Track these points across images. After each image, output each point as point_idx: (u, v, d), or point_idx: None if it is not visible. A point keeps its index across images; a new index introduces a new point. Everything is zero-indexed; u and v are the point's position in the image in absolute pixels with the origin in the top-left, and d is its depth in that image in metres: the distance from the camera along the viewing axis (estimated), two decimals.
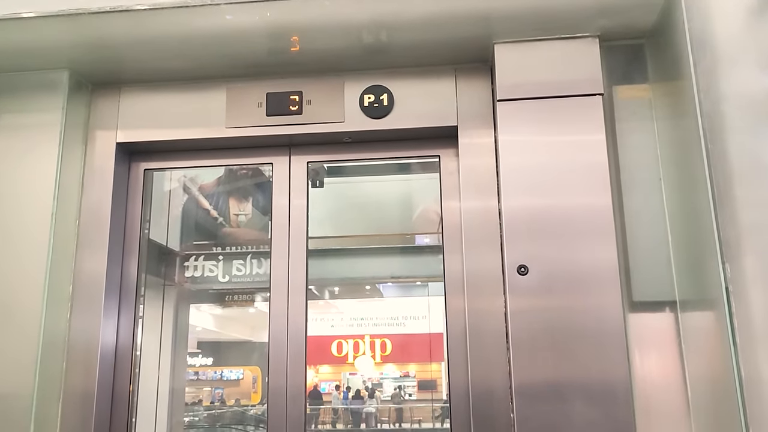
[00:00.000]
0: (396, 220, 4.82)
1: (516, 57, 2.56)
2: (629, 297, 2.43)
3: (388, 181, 4.67)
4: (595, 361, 2.27)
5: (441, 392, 7.18)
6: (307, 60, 2.73)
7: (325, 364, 7.53)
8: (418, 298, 6.60)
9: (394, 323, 7.05)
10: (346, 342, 6.78)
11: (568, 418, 2.24)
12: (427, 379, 7.69)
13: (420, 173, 4.27)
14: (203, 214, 4.19)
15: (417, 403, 7.87)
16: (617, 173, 2.53)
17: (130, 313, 2.82)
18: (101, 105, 2.87)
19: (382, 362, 7.24)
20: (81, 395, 2.60)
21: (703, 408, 2.28)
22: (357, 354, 6.85)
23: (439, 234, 4.26)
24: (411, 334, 7.02)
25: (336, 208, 4.53)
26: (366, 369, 7.63)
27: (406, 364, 7.97)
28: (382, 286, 6.14)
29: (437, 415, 7.32)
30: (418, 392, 7.89)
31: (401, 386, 8.05)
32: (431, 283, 5.39)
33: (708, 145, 2.13)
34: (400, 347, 6.95)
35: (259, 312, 4.62)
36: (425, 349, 7.19)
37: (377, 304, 6.77)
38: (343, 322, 6.77)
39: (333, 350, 6.70)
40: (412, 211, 4.78)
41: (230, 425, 6.13)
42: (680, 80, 2.30)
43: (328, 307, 6.28)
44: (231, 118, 2.80)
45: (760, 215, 2.09)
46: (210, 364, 7.33)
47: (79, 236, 2.73)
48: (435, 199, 2.80)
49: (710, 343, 2.20)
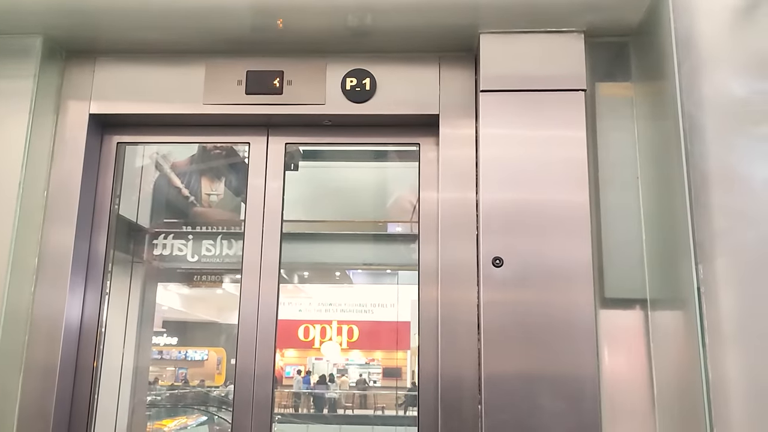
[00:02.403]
0: (370, 207, 4.81)
1: (501, 48, 2.55)
2: (601, 293, 2.45)
3: (363, 167, 4.65)
4: (564, 355, 2.28)
5: (405, 380, 7.23)
6: (290, 39, 2.68)
7: (291, 348, 7.52)
8: (387, 286, 6.62)
9: (362, 310, 7.06)
10: (313, 327, 6.76)
11: (535, 410, 2.25)
12: (392, 367, 7.73)
13: (396, 161, 4.26)
14: (175, 192, 4.12)
15: (381, 390, 7.90)
16: (595, 170, 2.54)
17: (97, 289, 2.76)
18: (75, 74, 2.79)
19: (348, 348, 7.25)
20: (43, 369, 2.54)
21: (668, 406, 2.31)
22: (324, 339, 6.84)
23: (411, 223, 4.28)
24: (379, 322, 7.04)
25: (310, 192, 4.49)
26: (332, 354, 7.63)
27: (372, 351, 7.99)
28: (351, 272, 6.13)
29: (401, 402, 7.36)
30: (383, 379, 7.93)
31: (367, 373, 8.07)
32: (401, 272, 5.40)
33: (687, 147, 2.14)
34: (367, 334, 6.97)
35: (226, 293, 4.57)
36: (392, 337, 7.22)
37: (346, 291, 6.76)
38: (311, 306, 6.75)
39: (300, 335, 6.69)
40: (386, 199, 4.77)
41: (193, 405, 6.08)
42: (663, 80, 2.31)
43: (297, 291, 6.25)
44: (209, 94, 2.74)
45: (733, 220, 2.11)
46: (175, 343, 7.26)
47: (47, 208, 2.66)
48: (410, 187, 2.79)
49: (678, 342, 2.23)
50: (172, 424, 5.33)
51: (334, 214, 4.82)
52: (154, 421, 4.88)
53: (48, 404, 2.52)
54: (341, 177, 4.70)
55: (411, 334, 6.76)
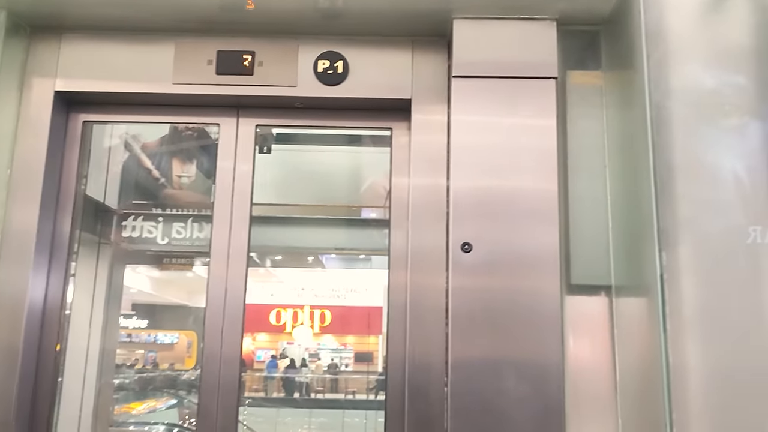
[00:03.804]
0: (343, 192, 4.79)
1: (474, 34, 2.55)
2: (567, 279, 2.48)
3: (337, 152, 4.62)
4: (530, 341, 2.31)
5: (377, 365, 7.27)
6: (261, 20, 2.65)
7: (262, 333, 7.50)
8: (360, 271, 6.63)
9: (335, 295, 7.07)
10: (285, 311, 6.76)
11: (500, 394, 2.27)
12: (364, 352, 7.77)
13: (370, 146, 4.25)
14: (144, 173, 4.07)
15: (352, 375, 7.94)
16: (564, 158, 2.56)
17: (61, 270, 2.71)
18: (40, 50, 2.72)
19: (320, 333, 7.26)
20: (5, 350, 2.51)
21: (630, 390, 2.35)
22: (295, 324, 6.84)
23: (385, 208, 4.28)
24: (351, 307, 7.06)
25: (283, 176, 4.46)
26: (304, 339, 7.63)
27: (344, 336, 8.01)
28: (324, 257, 6.13)
29: (371, 387, 7.41)
30: (354, 364, 7.97)
31: (339, 357, 8.10)
32: (374, 257, 5.40)
33: (654, 137, 2.17)
34: (339, 319, 6.99)
35: (197, 276, 4.53)
36: (364, 322, 7.24)
37: (319, 275, 6.76)
38: (283, 291, 6.74)
39: (272, 319, 6.68)
40: (360, 184, 4.76)
41: (162, 389, 6.05)
42: (632, 70, 2.33)
43: (269, 275, 6.23)
44: (178, 73, 2.70)
45: (697, 209, 2.13)
46: (144, 326, 7.20)
47: (10, 186, 2.61)
48: (384, 173, 2.78)
49: (641, 328, 2.26)
50: (140, 407, 5.30)
51: (307, 199, 4.80)
52: (122, 404, 4.84)
53: (10, 385, 2.49)
54: (314, 161, 4.67)
55: (383, 319, 6.81)
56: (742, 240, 2.08)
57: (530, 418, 2.26)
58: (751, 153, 2.16)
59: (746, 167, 2.14)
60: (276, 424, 6.42)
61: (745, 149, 2.17)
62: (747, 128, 2.19)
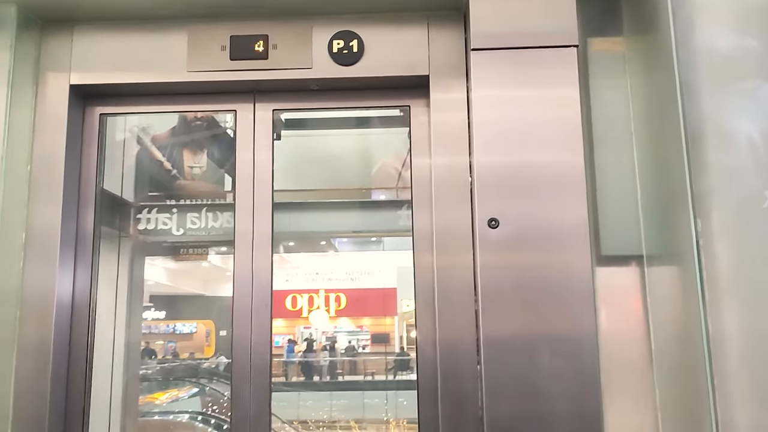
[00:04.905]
0: (354, 175, 4.77)
1: (490, 5, 2.49)
2: (597, 251, 2.45)
3: (347, 135, 4.60)
4: (562, 315, 2.27)
5: (393, 345, 7.30)
6: (273, 2, 2.61)
7: (279, 318, 7.53)
8: (372, 253, 6.63)
9: (349, 278, 7.08)
10: (301, 296, 6.77)
11: (534, 369, 2.25)
12: (381, 333, 7.79)
13: (380, 128, 4.22)
14: (157, 165, 4.05)
15: (370, 356, 7.97)
16: (589, 127, 2.52)
17: (87, 265, 2.71)
18: (53, 44, 2.69)
19: (336, 316, 7.28)
20: (37, 348, 2.50)
21: (666, 359, 2.34)
22: (311, 308, 6.86)
23: (396, 189, 4.26)
24: (365, 289, 7.07)
25: (294, 162, 4.44)
26: (320, 323, 7.66)
27: (360, 318, 8.04)
28: (336, 241, 6.13)
29: (390, 367, 7.44)
30: (371, 345, 7.99)
31: (356, 339, 8.13)
32: (386, 239, 5.40)
33: (684, 101, 2.12)
34: (354, 301, 7.00)
35: (212, 266, 4.54)
36: (379, 303, 7.26)
37: (332, 259, 6.77)
38: (298, 276, 6.75)
39: (287, 304, 6.70)
40: (370, 166, 4.74)
41: (183, 378, 6.10)
42: (656, 33, 2.28)
43: (283, 261, 6.23)
44: (193, 61, 2.66)
45: (729, 173, 2.09)
46: (162, 318, 7.24)
47: (31, 183, 2.59)
48: (395, 154, 2.75)
49: (676, 296, 2.24)
50: (163, 397, 5.35)
51: (318, 183, 4.79)
52: (146, 395, 4.88)
53: (43, 382, 2.50)
54: (325, 145, 4.65)
55: (397, 299, 6.83)
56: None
57: (566, 392, 2.24)
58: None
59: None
60: (299, 408, 6.48)
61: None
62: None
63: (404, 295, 6.36)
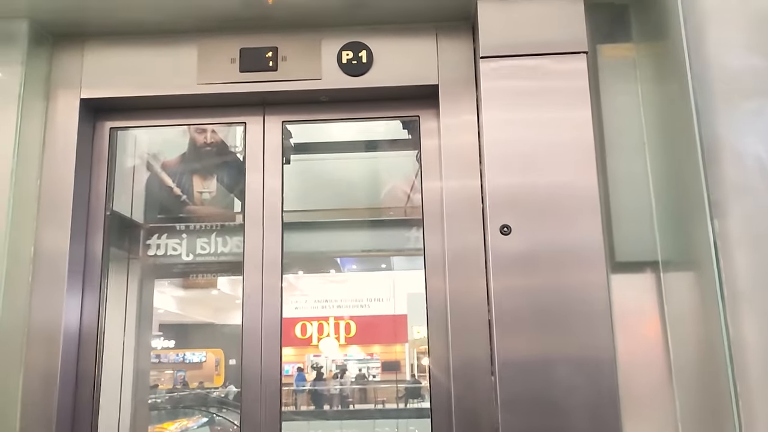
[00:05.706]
0: (363, 198, 4.77)
1: (499, 15, 2.49)
2: (611, 258, 2.41)
3: (355, 158, 4.61)
4: (579, 331, 2.22)
5: (405, 373, 7.21)
6: (283, 14, 2.63)
7: (288, 347, 7.47)
8: (383, 280, 6.60)
9: (358, 305, 7.02)
10: (311, 324, 6.72)
11: (551, 386, 2.19)
12: (391, 360, 7.70)
13: (389, 151, 4.22)
14: (166, 191, 4.06)
15: (381, 384, 7.87)
16: (601, 135, 2.50)
17: (95, 289, 2.68)
18: (64, 59, 2.71)
19: (346, 344, 7.21)
20: (43, 375, 2.46)
21: (686, 370, 2.27)
22: (321, 336, 6.79)
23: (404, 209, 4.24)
24: (375, 316, 7.01)
25: (303, 186, 4.45)
26: (330, 351, 7.58)
27: (371, 346, 7.96)
28: (345, 267, 6.10)
29: (401, 395, 7.34)
30: (382, 373, 7.90)
31: (366, 367, 8.04)
32: (395, 261, 5.37)
33: (698, 107, 2.10)
34: (364, 329, 6.93)
35: (221, 294, 4.51)
36: (389, 330, 7.19)
37: (342, 286, 6.73)
38: (307, 304, 6.71)
39: (297, 332, 6.64)
40: (380, 189, 4.74)
41: (193, 407, 6.02)
42: (667, 39, 2.27)
43: (292, 288, 6.21)
44: (203, 74, 2.68)
45: (745, 179, 2.06)
46: (172, 346, 7.19)
47: (41, 200, 2.58)
48: (404, 176, 2.73)
49: (693, 301, 2.19)
50: (173, 427, 5.27)
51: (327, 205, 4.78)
52: (155, 424, 4.81)
53: (50, 410, 2.45)
54: (334, 168, 4.66)
55: (408, 326, 6.77)
56: None
57: (584, 411, 2.17)
58: None
59: None
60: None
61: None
62: None
63: (415, 321, 6.30)
